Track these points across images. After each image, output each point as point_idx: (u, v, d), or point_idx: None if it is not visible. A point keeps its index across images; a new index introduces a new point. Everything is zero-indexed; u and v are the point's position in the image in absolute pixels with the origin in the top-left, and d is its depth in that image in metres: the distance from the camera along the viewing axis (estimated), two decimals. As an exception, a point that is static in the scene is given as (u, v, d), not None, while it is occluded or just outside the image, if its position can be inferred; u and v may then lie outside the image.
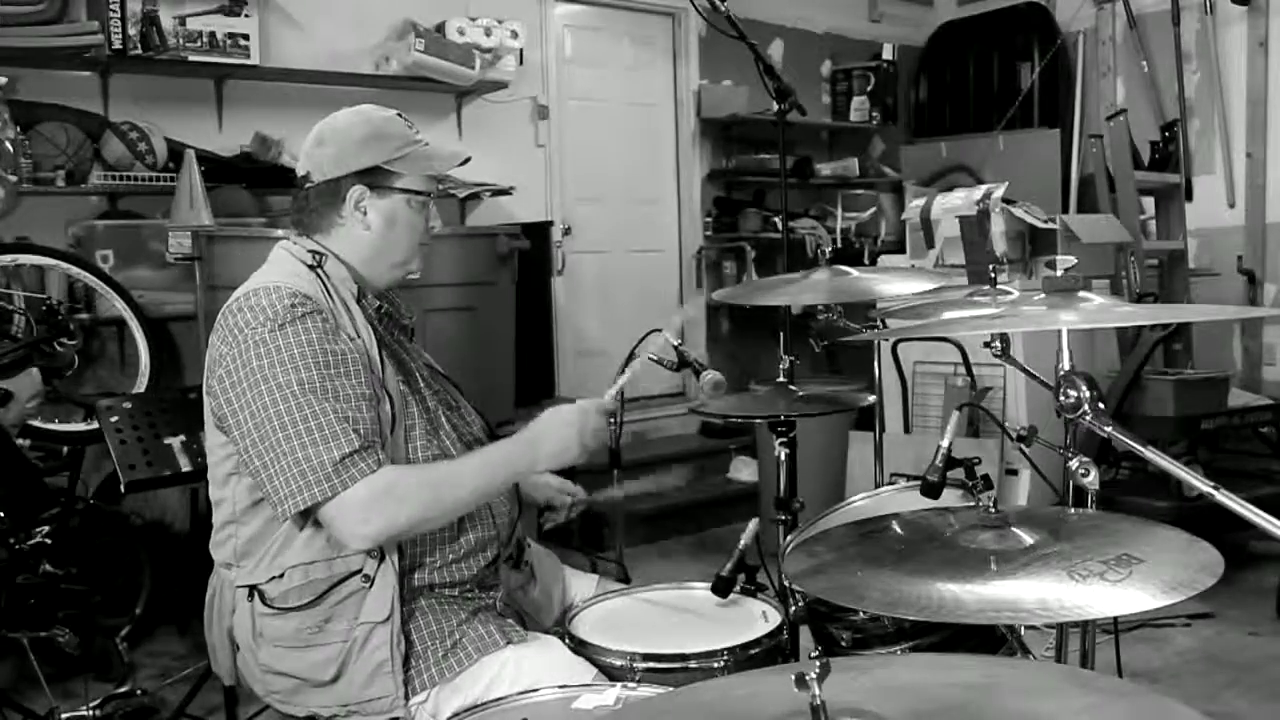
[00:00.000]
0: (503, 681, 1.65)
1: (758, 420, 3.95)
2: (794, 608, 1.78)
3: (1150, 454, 1.29)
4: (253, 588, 1.72)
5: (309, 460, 1.57)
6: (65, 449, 3.50)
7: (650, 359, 2.18)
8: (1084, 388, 1.35)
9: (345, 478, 1.58)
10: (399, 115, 1.83)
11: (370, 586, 1.66)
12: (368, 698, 1.66)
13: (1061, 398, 1.37)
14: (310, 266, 1.75)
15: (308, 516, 1.64)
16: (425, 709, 1.66)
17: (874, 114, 6.36)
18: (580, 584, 2.06)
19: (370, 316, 1.79)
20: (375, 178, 1.77)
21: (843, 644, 1.77)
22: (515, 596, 1.92)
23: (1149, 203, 5.07)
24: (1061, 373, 1.40)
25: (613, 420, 2.18)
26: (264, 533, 1.70)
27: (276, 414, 1.59)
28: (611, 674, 1.66)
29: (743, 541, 1.85)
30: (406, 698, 1.66)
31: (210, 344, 1.72)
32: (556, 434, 1.72)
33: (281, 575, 1.69)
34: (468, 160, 1.89)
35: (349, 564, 1.67)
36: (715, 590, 1.85)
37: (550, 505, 2.06)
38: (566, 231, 5.45)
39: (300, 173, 1.82)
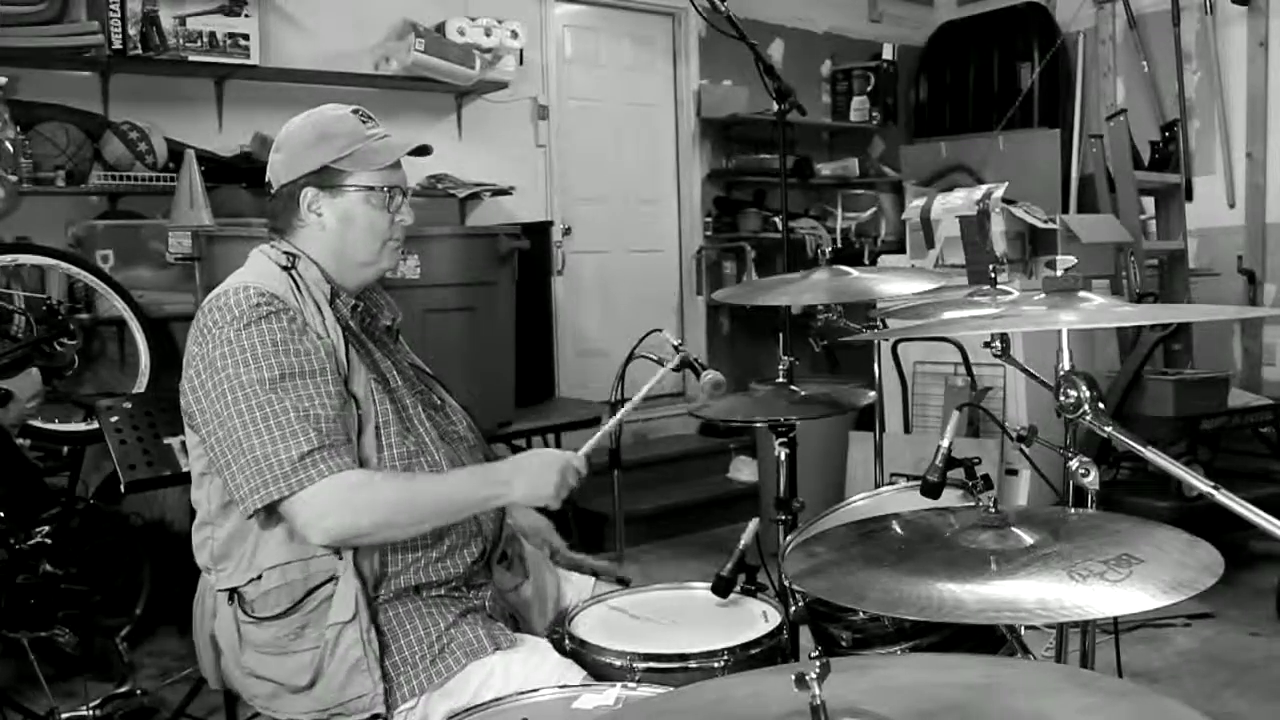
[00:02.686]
0: (491, 687, 1.65)
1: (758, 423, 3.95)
2: (794, 608, 1.78)
3: (1150, 454, 1.29)
4: (233, 591, 1.72)
5: (268, 458, 1.58)
6: (65, 449, 3.50)
7: (650, 359, 2.18)
8: (1084, 388, 1.35)
9: (304, 476, 1.58)
10: (354, 112, 1.82)
11: (335, 587, 1.66)
12: (347, 698, 1.65)
13: (1061, 398, 1.37)
14: (284, 268, 1.76)
15: (271, 515, 1.64)
16: (415, 714, 1.66)
17: (874, 114, 6.36)
18: (576, 584, 2.06)
19: (343, 316, 1.79)
20: (325, 178, 1.77)
21: (843, 644, 1.77)
22: (508, 596, 1.91)
23: (1149, 203, 5.07)
24: (1061, 373, 1.40)
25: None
26: (239, 534, 1.70)
27: (238, 412, 1.60)
28: (611, 674, 1.65)
29: (743, 541, 1.85)
30: (389, 706, 1.65)
31: (187, 345, 1.73)
32: (538, 472, 1.71)
33: (259, 577, 1.69)
34: (425, 151, 1.86)
35: (326, 565, 1.67)
36: (715, 590, 1.85)
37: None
38: (566, 231, 5.45)
39: (266, 181, 1.84)
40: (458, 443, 1.87)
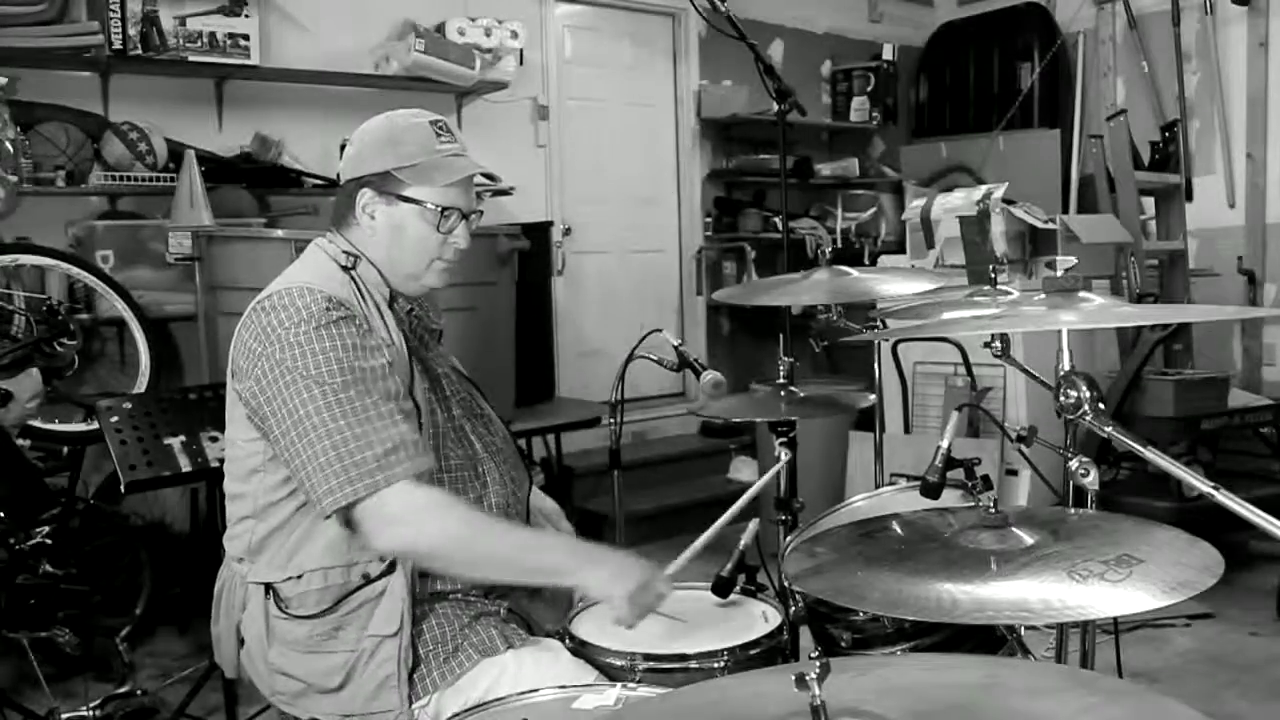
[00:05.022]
0: (503, 684, 1.65)
1: (758, 421, 3.95)
2: (794, 608, 1.78)
3: (1150, 454, 1.29)
4: (269, 586, 1.71)
5: (351, 455, 1.56)
6: (65, 449, 3.50)
7: (650, 359, 2.18)
8: (1084, 388, 1.35)
9: (389, 474, 1.57)
10: (432, 123, 1.78)
11: (380, 599, 1.66)
12: (371, 710, 1.65)
13: (1061, 398, 1.37)
14: (344, 268, 1.74)
15: (346, 514, 1.62)
16: (427, 712, 1.66)
17: (874, 114, 6.36)
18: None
19: (401, 321, 1.77)
20: (384, 183, 1.75)
21: (843, 644, 1.77)
22: (522, 603, 1.91)
23: (1149, 203, 5.06)
24: (1061, 373, 1.40)
25: (612, 420, 2.18)
26: (283, 530, 1.70)
27: (316, 410, 1.58)
28: (612, 674, 1.65)
29: (743, 542, 1.85)
30: (409, 701, 1.66)
31: (238, 340, 1.70)
32: (618, 569, 1.65)
33: (300, 576, 1.68)
34: (492, 178, 1.86)
35: (368, 569, 1.67)
36: (715, 590, 1.85)
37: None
38: (567, 232, 5.45)
39: (337, 172, 1.83)
40: (496, 454, 1.85)
